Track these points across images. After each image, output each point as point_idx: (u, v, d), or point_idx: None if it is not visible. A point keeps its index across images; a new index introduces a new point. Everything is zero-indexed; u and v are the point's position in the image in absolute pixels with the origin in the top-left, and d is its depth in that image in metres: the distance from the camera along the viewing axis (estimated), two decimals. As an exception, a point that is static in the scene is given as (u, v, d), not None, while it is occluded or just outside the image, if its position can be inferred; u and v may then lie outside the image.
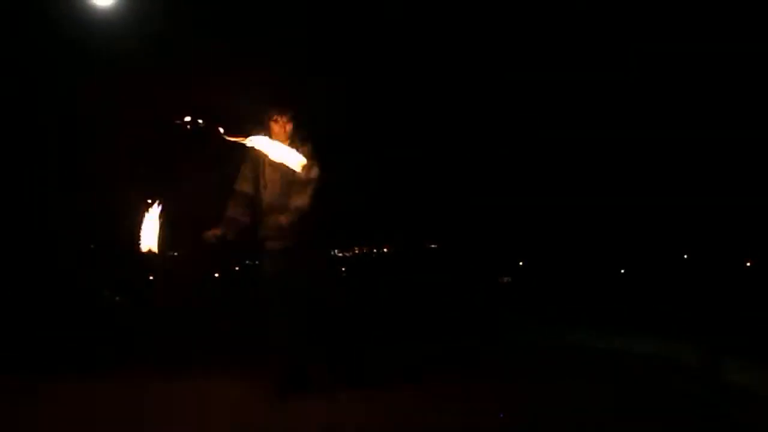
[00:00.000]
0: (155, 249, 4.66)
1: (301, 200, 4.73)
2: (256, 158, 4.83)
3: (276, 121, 4.81)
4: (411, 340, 8.28)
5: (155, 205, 4.70)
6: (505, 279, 23.15)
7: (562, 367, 5.91)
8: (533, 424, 4.10)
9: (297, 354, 4.77)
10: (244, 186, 4.98)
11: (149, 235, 4.64)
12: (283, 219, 4.73)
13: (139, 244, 4.67)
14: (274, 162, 4.63)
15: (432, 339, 8.37)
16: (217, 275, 27.45)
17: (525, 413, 4.30)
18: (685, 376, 5.15)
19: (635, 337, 6.54)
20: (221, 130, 4.51)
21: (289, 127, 4.83)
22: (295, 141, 4.79)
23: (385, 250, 26.56)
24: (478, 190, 20.73)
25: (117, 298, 15.83)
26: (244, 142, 4.54)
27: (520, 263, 26.47)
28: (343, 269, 20.70)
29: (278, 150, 4.58)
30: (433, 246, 25.86)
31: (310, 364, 4.81)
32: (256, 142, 4.58)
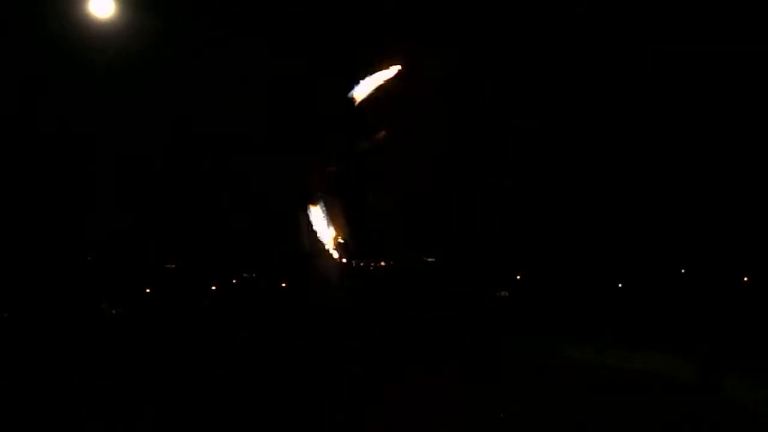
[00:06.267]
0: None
1: None
2: None
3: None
4: (410, 349, 8.28)
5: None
6: (503, 293, 23.08)
7: (559, 380, 5.90)
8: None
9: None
10: None
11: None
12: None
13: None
14: None
15: (432, 349, 8.37)
16: (214, 287, 27.27)
17: (523, 423, 4.30)
18: (683, 393, 5.13)
19: (632, 352, 6.53)
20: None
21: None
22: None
23: (382, 263, 26.45)
24: (476, 202, 20.69)
25: (114, 311, 15.78)
26: None
27: (518, 277, 26.37)
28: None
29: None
30: (430, 259, 25.77)
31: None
32: None
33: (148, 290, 20.41)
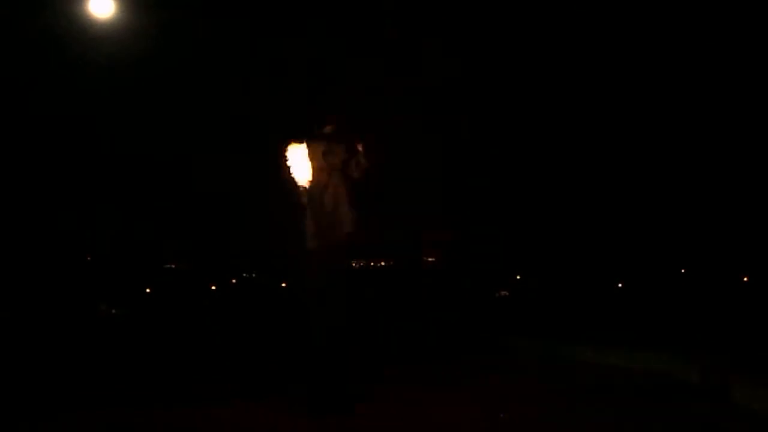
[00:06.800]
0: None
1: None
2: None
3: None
4: (412, 351, 8.30)
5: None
6: (503, 293, 23.16)
7: (559, 379, 5.89)
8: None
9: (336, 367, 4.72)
10: None
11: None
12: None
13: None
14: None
15: (432, 350, 8.40)
16: (213, 287, 27.36)
17: (523, 422, 4.31)
18: (684, 394, 5.12)
19: (632, 352, 6.52)
20: None
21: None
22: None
23: (382, 263, 26.48)
24: (476, 202, 20.77)
25: (113, 311, 15.81)
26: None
27: (518, 277, 26.47)
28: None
29: None
30: (431, 260, 25.84)
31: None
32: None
33: (148, 290, 20.43)
